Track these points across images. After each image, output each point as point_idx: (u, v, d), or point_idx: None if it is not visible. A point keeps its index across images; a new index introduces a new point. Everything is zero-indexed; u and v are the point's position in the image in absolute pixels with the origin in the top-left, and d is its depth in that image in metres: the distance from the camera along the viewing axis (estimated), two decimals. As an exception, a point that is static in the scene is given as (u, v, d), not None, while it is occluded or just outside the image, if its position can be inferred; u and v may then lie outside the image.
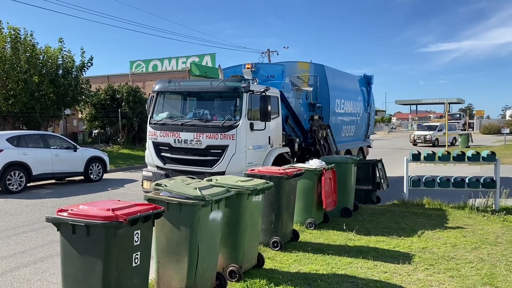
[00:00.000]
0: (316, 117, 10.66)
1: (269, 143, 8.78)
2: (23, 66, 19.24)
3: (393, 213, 8.61)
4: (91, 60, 22.16)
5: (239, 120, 7.95)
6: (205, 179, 5.46)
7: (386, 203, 9.66)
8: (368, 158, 14.02)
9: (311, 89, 11.23)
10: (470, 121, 57.61)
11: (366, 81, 14.65)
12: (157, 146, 8.63)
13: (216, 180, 5.31)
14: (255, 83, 9.27)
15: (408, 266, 5.57)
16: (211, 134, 7.98)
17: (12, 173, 11.66)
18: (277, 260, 5.77)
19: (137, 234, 3.72)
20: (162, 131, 8.53)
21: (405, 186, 9.57)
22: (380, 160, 10.20)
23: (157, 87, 9.02)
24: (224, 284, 4.76)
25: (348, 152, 12.46)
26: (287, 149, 9.46)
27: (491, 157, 9.12)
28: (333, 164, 8.02)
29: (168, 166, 8.45)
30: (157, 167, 8.60)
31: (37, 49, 20.27)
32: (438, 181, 9.39)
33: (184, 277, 4.31)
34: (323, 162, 7.82)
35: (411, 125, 74.46)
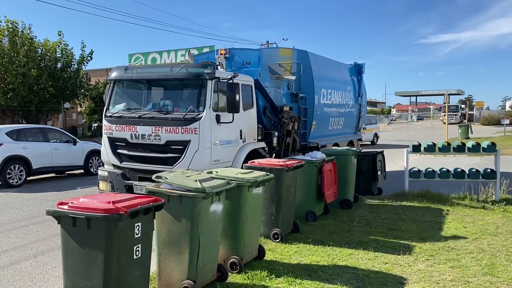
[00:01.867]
0: (287, 109, 9.60)
1: (241, 138, 7.93)
2: (21, 60, 19.18)
3: (393, 205, 8.62)
4: (91, 54, 22.11)
5: (203, 111, 7.06)
6: (205, 171, 5.45)
7: (387, 194, 9.66)
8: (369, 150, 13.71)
9: (293, 77, 10.29)
10: (470, 112, 57.49)
11: (357, 70, 13.62)
12: (113, 142, 7.74)
13: (216, 172, 5.31)
14: (222, 69, 8.45)
15: (409, 257, 5.58)
16: (171, 128, 7.11)
17: (12, 167, 11.65)
18: (278, 251, 5.78)
19: (137, 227, 3.72)
20: (118, 125, 7.62)
21: (406, 178, 9.57)
22: (381, 152, 10.18)
23: (113, 75, 8.07)
24: (225, 275, 4.77)
25: (336, 146, 11.49)
26: (262, 144, 8.61)
27: (492, 148, 9.11)
28: (333, 156, 8.01)
29: (124, 164, 7.57)
30: (114, 165, 7.74)
31: (35, 43, 20.20)
32: (438, 172, 9.38)
33: (185, 269, 4.32)
34: (323, 154, 7.81)
35: (411, 116, 74.48)
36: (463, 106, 59.90)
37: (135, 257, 3.73)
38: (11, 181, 11.61)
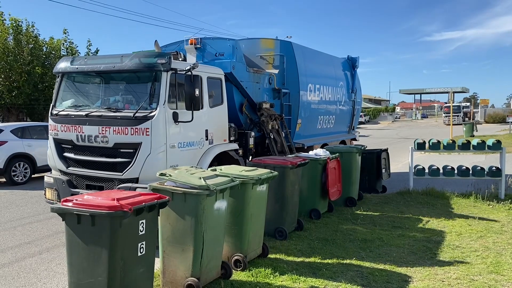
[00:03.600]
0: (266, 105, 8.68)
1: (207, 139, 6.99)
2: (26, 58, 19.24)
3: (397, 203, 8.59)
4: (97, 52, 22.17)
5: (156, 108, 6.11)
6: (209, 169, 5.44)
7: (391, 192, 9.64)
8: (373, 148, 12.99)
9: (276, 71, 9.38)
10: (475, 110, 57.14)
11: (350, 64, 12.70)
12: (59, 144, 6.88)
13: (221, 169, 5.30)
14: (180, 59, 7.59)
15: (413, 255, 5.56)
16: (120, 128, 6.17)
17: (17, 164, 11.70)
18: (281, 249, 5.77)
19: (142, 224, 3.72)
20: (63, 125, 6.74)
21: (410, 175, 9.53)
22: (385, 150, 10.15)
23: (58, 67, 7.13)
24: (229, 273, 4.76)
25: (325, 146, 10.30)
26: (234, 146, 7.69)
27: (497, 146, 9.06)
28: (337, 154, 7.98)
29: (71, 170, 6.70)
30: (60, 171, 6.90)
31: (39, 41, 20.26)
32: (443, 170, 9.35)
33: (189, 266, 4.32)
34: (327, 152, 7.79)
35: (415, 114, 74.28)
36: (467, 104, 59.51)
37: (139, 254, 3.74)
38: (16, 178, 11.66)
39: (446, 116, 47.92)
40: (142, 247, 3.76)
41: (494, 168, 9.07)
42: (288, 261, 5.36)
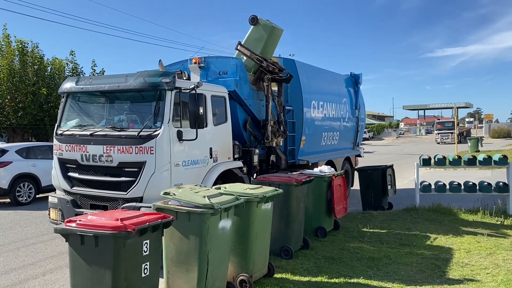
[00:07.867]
0: (270, 123, 8.71)
1: (211, 157, 6.96)
2: (31, 79, 19.48)
3: (404, 219, 8.48)
4: (103, 73, 22.44)
5: (160, 127, 6.12)
6: (213, 187, 5.40)
7: (397, 209, 9.53)
8: (378, 164, 11.76)
9: None
10: (480, 125, 56.89)
11: (353, 81, 12.73)
12: (63, 164, 6.89)
13: (225, 188, 5.26)
14: (184, 78, 7.74)
15: (422, 273, 5.46)
16: (124, 147, 6.18)
17: (22, 184, 11.71)
18: (287, 268, 5.69)
19: (146, 244, 3.68)
20: (68, 144, 6.76)
21: (416, 192, 9.45)
22: (391, 166, 10.08)
23: (63, 87, 7.19)
24: (235, 293, 4.69)
25: (330, 163, 10.29)
26: (238, 164, 7.62)
27: (503, 161, 9.00)
28: (343, 171, 7.92)
29: (75, 189, 6.68)
30: (64, 191, 6.87)
31: (44, 62, 20.56)
32: (449, 186, 9.26)
33: (194, 287, 4.25)
34: (332, 169, 7.74)
35: (419, 130, 74.20)
36: (471, 119, 59.30)
37: (143, 275, 3.69)
38: (20, 198, 11.65)
39: (438, 133, 43.13)
40: (146, 268, 3.71)
41: (501, 183, 8.98)
42: (295, 280, 5.27)
